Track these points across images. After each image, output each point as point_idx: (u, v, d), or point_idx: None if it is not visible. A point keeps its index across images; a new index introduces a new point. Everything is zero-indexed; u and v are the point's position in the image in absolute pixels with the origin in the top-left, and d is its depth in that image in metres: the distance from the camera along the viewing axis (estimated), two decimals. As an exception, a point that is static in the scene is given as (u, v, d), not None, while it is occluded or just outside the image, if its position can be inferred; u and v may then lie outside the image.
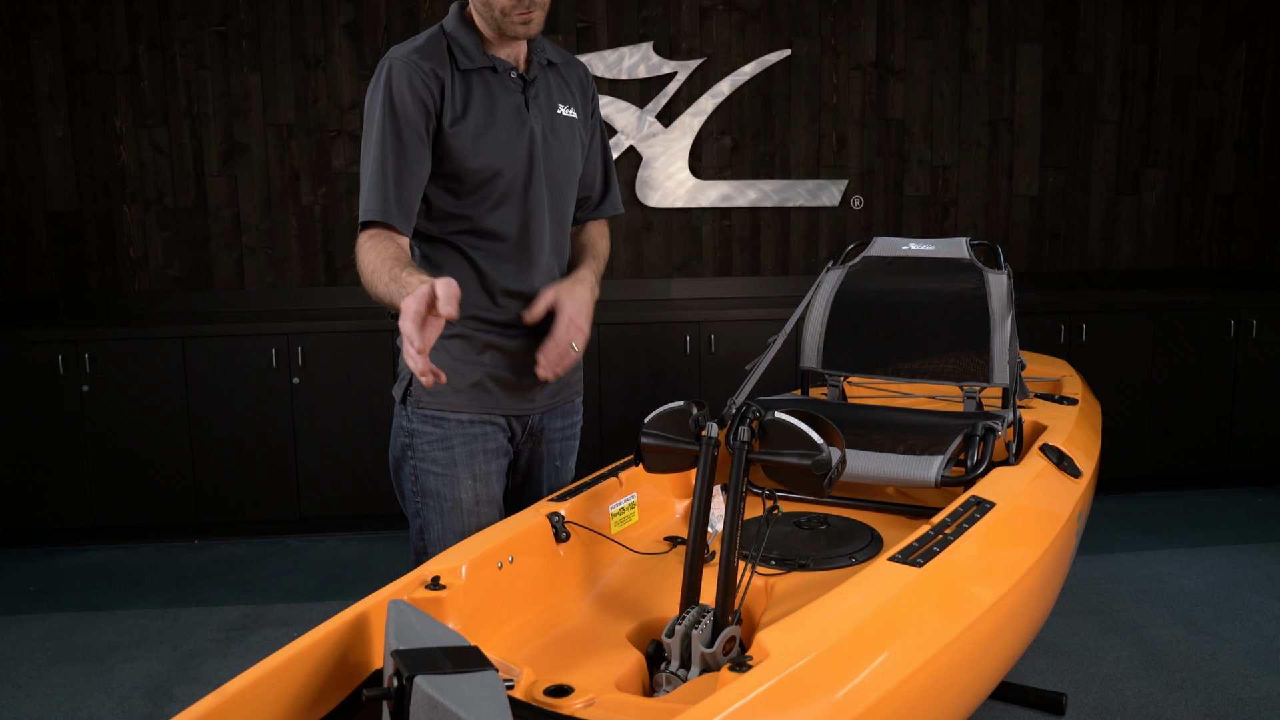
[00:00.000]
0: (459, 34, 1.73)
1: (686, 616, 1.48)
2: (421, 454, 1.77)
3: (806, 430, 1.54)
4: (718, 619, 1.49)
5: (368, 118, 1.71)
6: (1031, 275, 4.71)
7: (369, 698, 1.06)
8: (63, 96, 4.15)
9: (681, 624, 1.46)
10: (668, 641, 1.47)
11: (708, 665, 1.45)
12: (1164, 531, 3.77)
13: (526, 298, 1.76)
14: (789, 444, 1.55)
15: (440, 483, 1.77)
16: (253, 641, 2.95)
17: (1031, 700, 2.44)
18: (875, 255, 2.59)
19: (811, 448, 1.53)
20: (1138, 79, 4.66)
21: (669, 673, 1.46)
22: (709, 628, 1.47)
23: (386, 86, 1.67)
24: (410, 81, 1.66)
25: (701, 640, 1.45)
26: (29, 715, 2.53)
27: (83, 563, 3.68)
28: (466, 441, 1.77)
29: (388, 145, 1.67)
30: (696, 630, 1.45)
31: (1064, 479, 2.00)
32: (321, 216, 4.34)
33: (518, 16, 1.66)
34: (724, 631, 1.47)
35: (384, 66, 1.69)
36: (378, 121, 1.67)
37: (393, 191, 1.66)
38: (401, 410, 1.80)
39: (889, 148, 4.57)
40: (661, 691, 1.44)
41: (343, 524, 3.96)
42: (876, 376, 2.53)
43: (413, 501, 1.81)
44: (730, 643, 1.48)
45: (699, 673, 1.44)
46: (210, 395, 3.77)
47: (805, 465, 1.52)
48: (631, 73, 4.36)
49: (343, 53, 4.24)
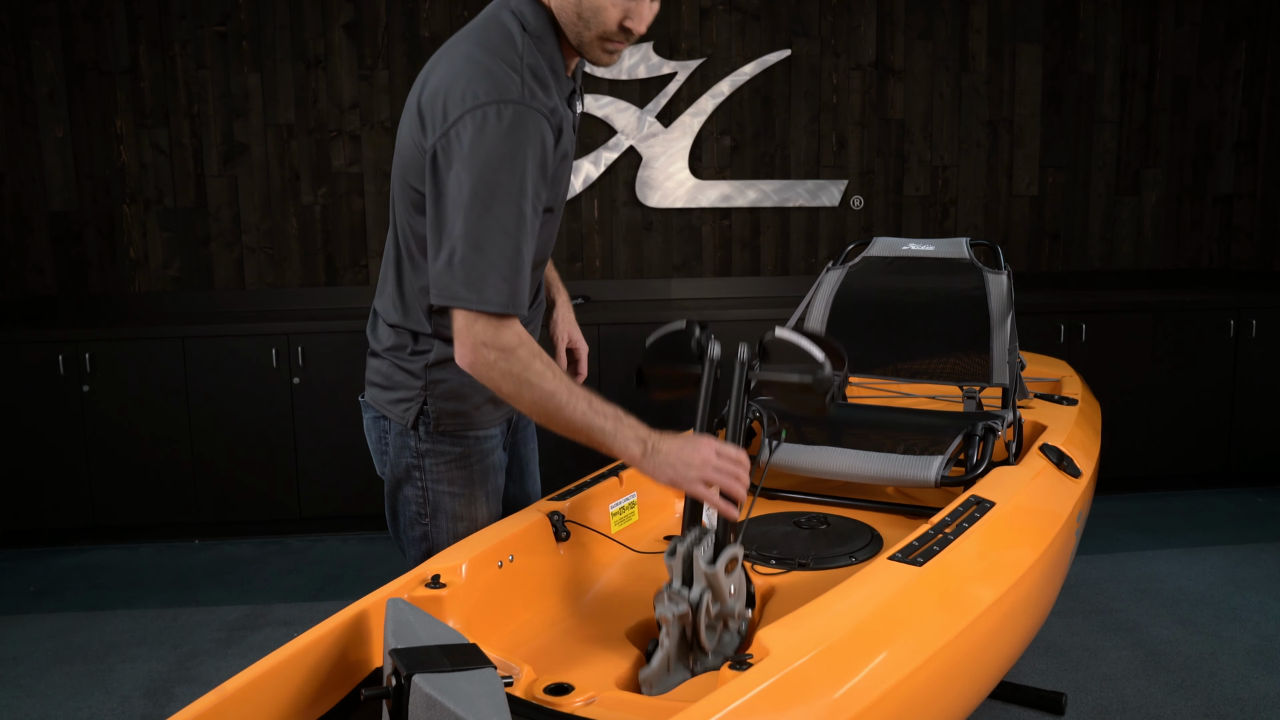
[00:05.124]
0: (547, 45, 1.49)
1: (688, 537, 1.46)
2: (436, 474, 1.66)
3: (808, 347, 1.51)
4: (719, 539, 1.47)
5: (489, 173, 1.39)
6: (1031, 275, 4.71)
7: (368, 696, 1.06)
8: (63, 96, 4.15)
9: (683, 544, 1.45)
10: (669, 562, 1.45)
11: (708, 585, 1.43)
12: (1164, 531, 3.77)
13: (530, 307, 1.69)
14: (790, 362, 1.52)
15: (458, 503, 1.68)
16: (253, 641, 2.95)
17: (1031, 700, 2.44)
18: (875, 255, 2.59)
19: (812, 364, 1.50)
20: (1138, 79, 4.66)
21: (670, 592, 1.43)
22: (710, 547, 1.45)
23: (524, 146, 1.40)
24: (544, 140, 1.43)
25: (703, 558, 1.43)
26: (29, 715, 2.53)
27: (83, 563, 3.68)
28: (482, 458, 1.69)
29: (525, 219, 1.43)
30: (699, 549, 1.43)
31: (1064, 479, 2.00)
32: (321, 216, 4.34)
33: (612, 46, 1.49)
34: (726, 551, 1.45)
35: (512, 115, 1.39)
36: (517, 184, 1.40)
37: (527, 276, 1.46)
38: (410, 432, 1.65)
39: (889, 148, 4.57)
40: (649, 690, 1.43)
41: (343, 524, 3.96)
42: (876, 376, 2.53)
43: (418, 525, 1.69)
44: (732, 563, 1.45)
45: (700, 592, 1.43)
46: (210, 395, 3.77)
47: (806, 382, 1.50)
48: (631, 73, 4.37)
49: (343, 53, 4.24)
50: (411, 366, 1.63)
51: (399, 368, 1.65)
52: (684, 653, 1.46)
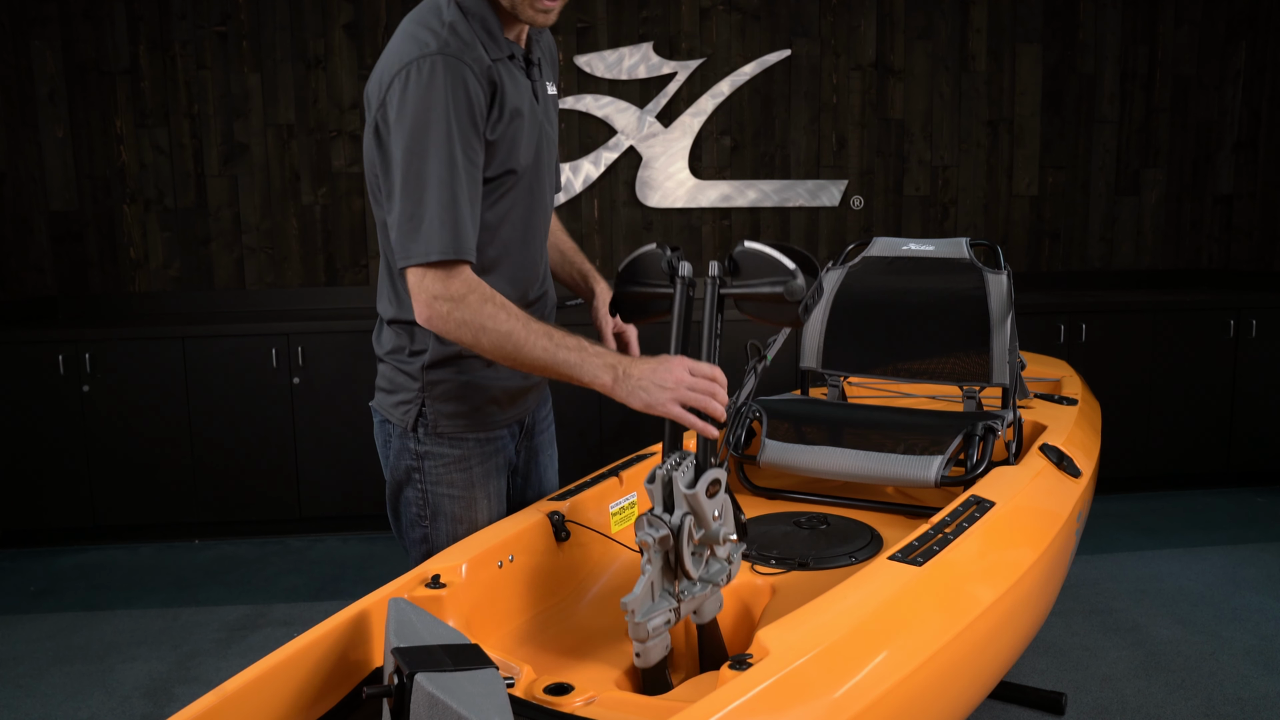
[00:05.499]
0: (480, 10, 1.53)
1: (667, 462, 1.43)
2: (435, 476, 1.66)
3: (778, 256, 1.49)
4: (700, 462, 1.43)
5: (417, 129, 1.43)
6: (1031, 275, 4.71)
7: (370, 695, 1.06)
8: (63, 96, 4.16)
9: (662, 469, 1.41)
10: (649, 488, 1.41)
11: (690, 509, 1.40)
12: (1164, 531, 3.77)
13: (529, 300, 1.70)
14: (761, 274, 1.50)
15: (457, 505, 1.67)
16: (253, 641, 2.95)
17: (1031, 700, 2.44)
18: (875, 255, 2.59)
19: (783, 274, 1.48)
20: (1137, 79, 4.67)
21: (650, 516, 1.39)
22: (690, 469, 1.42)
23: (448, 91, 1.42)
24: (468, 86, 1.44)
25: (683, 482, 1.39)
26: (29, 715, 2.53)
27: (83, 563, 3.68)
28: (483, 460, 1.69)
29: (462, 161, 1.44)
30: (678, 473, 1.39)
31: (1064, 479, 2.01)
32: (321, 216, 4.34)
33: (542, 4, 1.52)
34: (706, 474, 1.41)
35: (433, 67, 1.43)
36: (443, 132, 1.42)
37: (468, 222, 1.45)
38: (409, 434, 1.66)
39: (889, 148, 4.57)
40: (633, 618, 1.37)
41: (343, 524, 3.96)
42: (876, 376, 2.53)
43: (418, 527, 1.69)
44: (714, 485, 1.41)
45: (681, 516, 1.39)
46: (210, 395, 3.77)
47: (778, 292, 1.48)
48: (631, 73, 4.37)
49: (343, 53, 4.24)
50: (409, 368, 1.65)
51: (399, 370, 1.67)
52: (669, 580, 1.42)
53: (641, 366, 1.43)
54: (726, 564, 1.49)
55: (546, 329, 1.46)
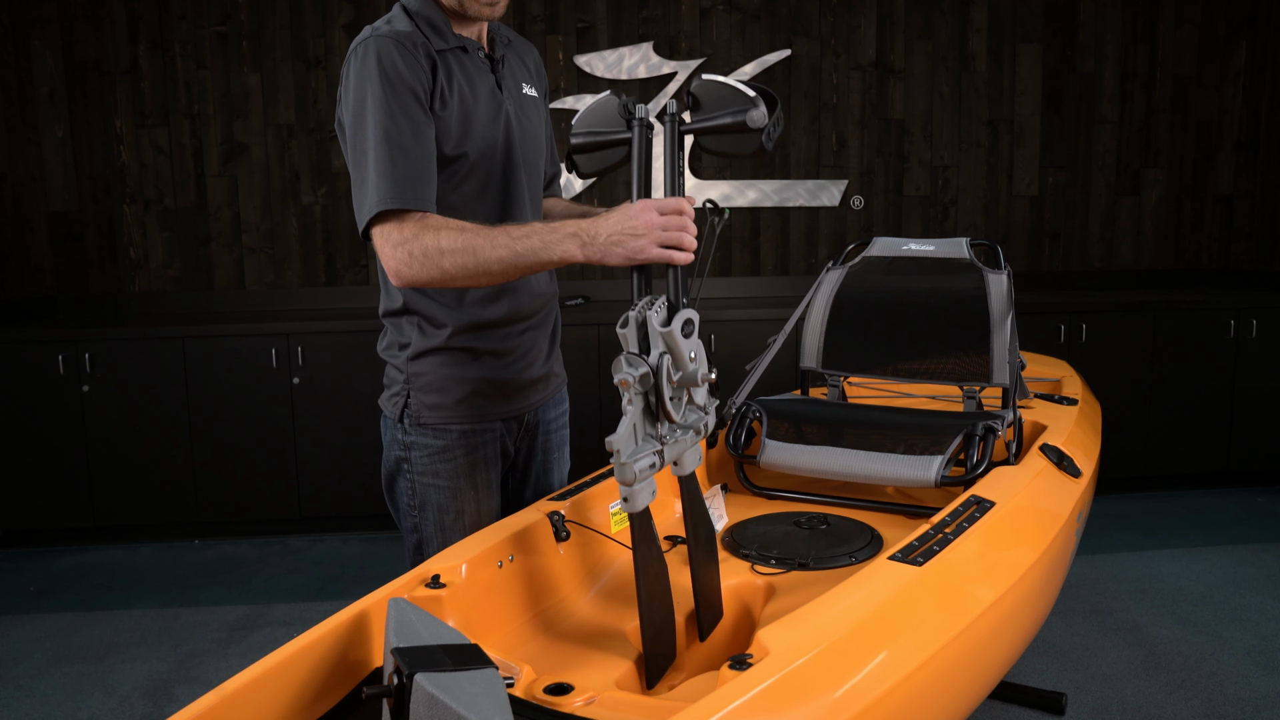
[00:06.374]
0: (426, 12, 1.60)
1: (639, 304, 1.41)
2: (421, 467, 1.70)
3: (737, 85, 1.47)
4: (672, 303, 1.43)
5: (357, 105, 1.51)
6: (1031, 275, 4.71)
7: (369, 695, 1.06)
8: (63, 96, 4.16)
9: (634, 310, 1.40)
10: (622, 332, 1.40)
11: (666, 348, 1.39)
12: (1164, 531, 3.77)
13: (515, 293, 1.70)
14: (722, 105, 1.49)
15: (442, 496, 1.70)
16: (253, 641, 2.95)
17: (1031, 700, 2.44)
18: (875, 255, 2.59)
19: (744, 102, 1.46)
20: (1138, 79, 4.67)
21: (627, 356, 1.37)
22: (664, 309, 1.41)
23: (378, 64, 1.49)
24: (403, 58, 1.51)
25: (657, 320, 1.38)
26: (29, 715, 2.53)
27: (83, 563, 3.68)
28: (468, 452, 1.71)
29: (398, 120, 1.48)
30: (651, 313, 1.38)
31: (1064, 479, 2.00)
32: (321, 216, 4.34)
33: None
34: (680, 313, 1.40)
35: (365, 48, 1.51)
36: (376, 100, 1.48)
37: (417, 169, 1.49)
38: (396, 425, 1.71)
39: (889, 148, 4.57)
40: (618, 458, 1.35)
41: (343, 524, 3.96)
42: (876, 376, 2.53)
43: (409, 516, 1.73)
44: (688, 325, 1.41)
45: (658, 355, 1.38)
46: (210, 395, 3.77)
47: (740, 121, 1.46)
48: (631, 73, 4.37)
49: (342, 53, 4.24)
50: (397, 361, 1.72)
51: (391, 365, 1.75)
52: (651, 424, 1.41)
53: (606, 223, 1.42)
54: (704, 413, 1.48)
55: (504, 229, 1.46)
